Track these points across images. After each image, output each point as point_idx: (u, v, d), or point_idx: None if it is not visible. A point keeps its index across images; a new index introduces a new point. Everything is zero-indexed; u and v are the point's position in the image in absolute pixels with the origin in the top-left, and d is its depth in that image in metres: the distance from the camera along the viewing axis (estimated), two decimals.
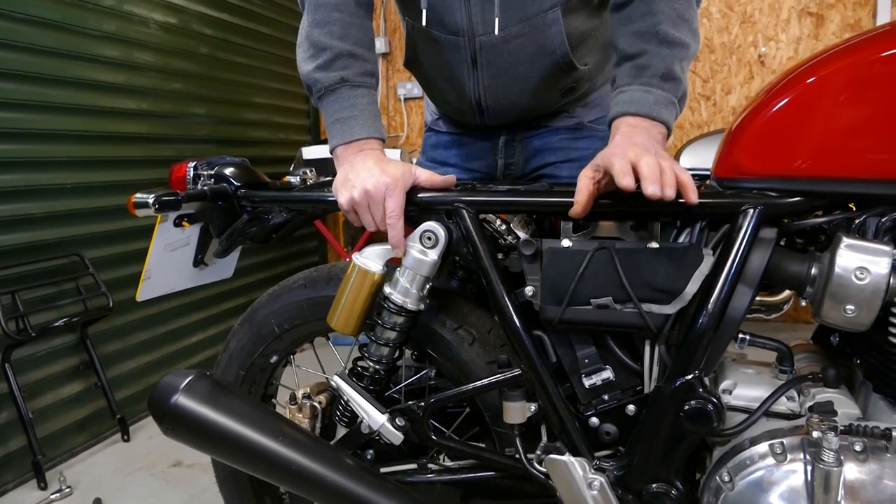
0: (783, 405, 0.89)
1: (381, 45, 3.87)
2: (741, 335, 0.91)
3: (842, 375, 0.90)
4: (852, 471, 0.79)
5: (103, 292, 2.28)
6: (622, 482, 0.95)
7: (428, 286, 1.03)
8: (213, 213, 1.19)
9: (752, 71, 3.38)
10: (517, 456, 1.00)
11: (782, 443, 0.84)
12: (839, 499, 0.78)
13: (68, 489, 2.02)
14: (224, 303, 3.07)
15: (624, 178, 0.82)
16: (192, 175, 1.18)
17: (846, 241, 0.79)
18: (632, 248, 0.90)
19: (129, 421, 2.44)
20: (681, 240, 0.93)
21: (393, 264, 1.04)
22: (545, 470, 0.98)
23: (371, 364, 1.07)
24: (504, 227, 1.05)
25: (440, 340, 1.08)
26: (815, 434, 0.79)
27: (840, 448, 0.78)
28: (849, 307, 0.78)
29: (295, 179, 1.20)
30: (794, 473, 0.82)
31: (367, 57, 1.07)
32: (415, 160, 1.42)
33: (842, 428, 0.80)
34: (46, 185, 2.18)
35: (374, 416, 1.04)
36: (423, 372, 1.20)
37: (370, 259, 1.03)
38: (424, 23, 1.11)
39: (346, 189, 1.00)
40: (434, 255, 1.00)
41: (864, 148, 0.81)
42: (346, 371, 1.10)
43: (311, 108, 3.84)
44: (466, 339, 1.07)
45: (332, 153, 1.06)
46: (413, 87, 3.88)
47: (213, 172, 1.17)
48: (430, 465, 1.11)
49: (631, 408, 0.95)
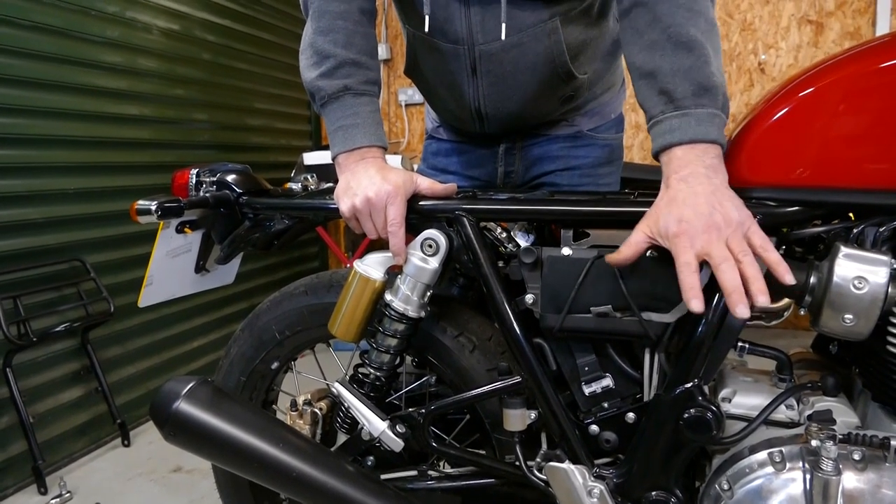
0: (782, 414, 0.89)
1: (382, 51, 3.89)
2: (740, 343, 0.91)
3: (841, 384, 0.90)
4: (851, 479, 0.79)
5: (104, 297, 2.28)
6: (622, 490, 0.95)
7: (429, 293, 1.03)
8: (215, 219, 1.20)
9: (752, 78, 3.39)
10: (517, 463, 1.01)
11: (781, 451, 0.84)
12: None
13: (68, 494, 2.02)
14: (225, 308, 3.07)
15: (693, 302, 0.78)
16: (194, 182, 1.19)
17: (844, 250, 0.79)
18: None
19: (129, 426, 2.44)
20: None
21: (394, 272, 1.05)
22: (545, 477, 0.98)
23: (372, 371, 1.07)
24: (505, 234, 1.06)
25: (441, 347, 1.09)
26: (814, 443, 0.79)
27: (839, 457, 0.78)
28: (847, 316, 0.79)
29: (296, 186, 1.21)
30: (793, 482, 0.82)
31: (370, 65, 1.08)
32: (416, 166, 1.43)
33: (840, 437, 0.80)
34: (48, 190, 2.18)
35: (374, 423, 1.04)
36: (424, 379, 1.20)
37: (371, 266, 1.03)
38: (427, 30, 1.11)
39: (347, 197, 1.00)
40: (435, 262, 1.01)
41: (863, 158, 0.82)
42: (347, 378, 1.10)
43: (312, 114, 3.85)
44: (467, 346, 1.08)
45: (334, 161, 1.07)
46: (414, 94, 3.89)
47: (215, 179, 1.18)
48: (430, 472, 1.11)
49: (631, 416, 0.96)
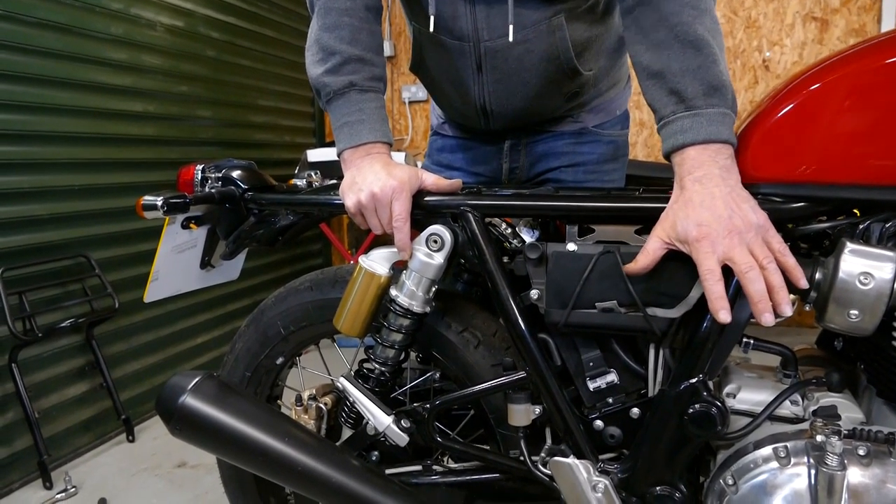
0: (787, 409, 0.89)
1: (386, 48, 3.89)
2: (745, 339, 0.91)
3: (845, 380, 0.90)
4: (856, 475, 0.79)
5: (109, 293, 2.29)
6: (626, 485, 0.95)
7: (434, 289, 1.04)
8: (220, 215, 1.20)
9: (757, 75, 3.38)
10: (521, 458, 1.01)
11: (786, 446, 0.84)
12: (842, 503, 0.78)
13: (73, 489, 2.03)
14: (229, 305, 3.08)
15: (721, 313, 0.79)
16: (199, 178, 1.19)
17: (850, 246, 0.79)
18: (637, 252, 0.90)
19: (134, 421, 2.45)
20: None
21: (399, 267, 1.05)
22: (549, 472, 0.99)
23: (377, 366, 1.07)
24: (510, 230, 1.06)
25: (445, 343, 1.09)
26: (819, 438, 0.80)
27: (844, 452, 0.78)
28: (853, 312, 0.79)
29: (301, 182, 1.21)
30: (798, 477, 0.82)
31: (375, 62, 1.08)
32: (419, 163, 1.43)
33: (845, 432, 0.80)
34: (54, 186, 2.19)
35: (379, 418, 1.05)
36: (429, 374, 1.20)
37: (376, 262, 1.04)
38: (432, 29, 1.11)
39: (353, 192, 1.00)
40: (440, 258, 1.01)
41: (868, 153, 0.81)
42: (352, 373, 1.10)
43: (316, 111, 3.85)
44: (472, 341, 1.08)
45: (339, 157, 1.07)
46: (418, 91, 3.89)
47: (220, 175, 1.18)
48: (434, 467, 1.11)
49: (635, 411, 0.96)
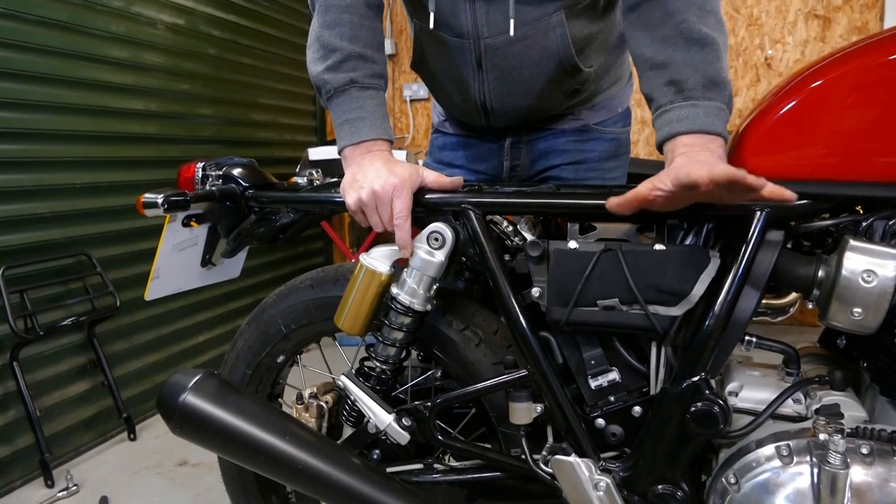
0: (789, 408, 0.89)
1: (387, 46, 3.89)
2: (748, 337, 0.91)
3: (848, 378, 0.90)
4: (859, 473, 0.79)
5: (110, 292, 2.29)
6: (628, 483, 0.95)
7: (435, 287, 1.03)
8: (221, 213, 1.20)
9: (759, 73, 3.37)
10: (523, 457, 1.01)
11: (789, 445, 0.84)
12: (845, 501, 0.78)
13: (75, 487, 2.03)
14: (231, 303, 3.08)
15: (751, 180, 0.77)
16: (200, 175, 1.19)
17: (853, 243, 0.79)
18: (638, 250, 0.90)
19: (135, 420, 2.45)
20: (688, 242, 0.93)
21: (400, 265, 1.05)
22: (551, 471, 0.98)
23: (378, 364, 1.07)
24: (511, 228, 1.06)
25: (447, 341, 1.09)
26: (822, 436, 0.79)
27: (847, 451, 0.78)
28: (856, 310, 0.79)
29: (302, 180, 1.21)
30: (801, 476, 0.82)
31: (376, 59, 1.08)
32: (420, 161, 1.43)
33: (848, 431, 0.80)
34: (55, 184, 2.19)
35: (380, 416, 1.04)
36: (430, 372, 1.20)
37: (377, 260, 1.03)
38: (432, 25, 1.11)
39: (353, 190, 1.00)
40: (441, 255, 1.01)
41: (871, 150, 0.81)
42: (353, 371, 1.10)
43: (317, 109, 3.85)
44: (473, 339, 1.08)
45: (340, 154, 1.07)
46: (419, 89, 3.89)
47: (221, 173, 1.18)
48: (436, 466, 1.11)
49: (637, 409, 0.96)
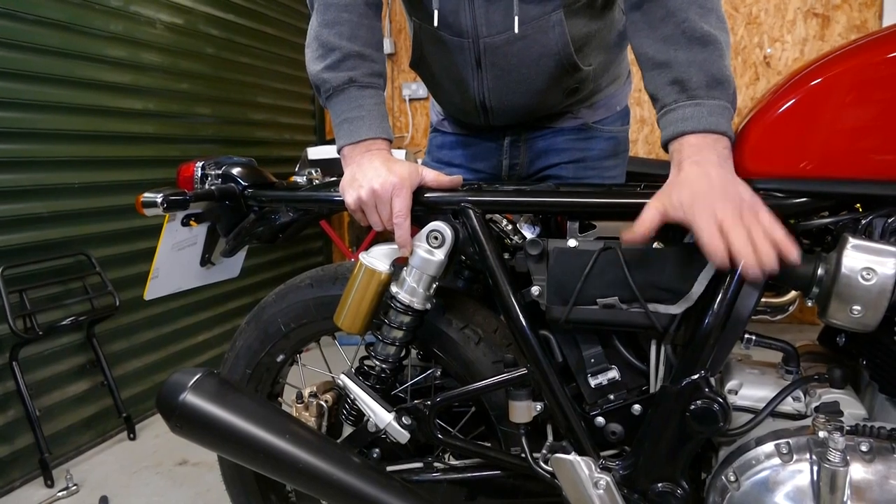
0: (789, 405, 0.89)
1: (386, 45, 3.88)
2: (747, 335, 0.91)
3: (848, 376, 0.90)
4: (858, 471, 0.79)
5: (110, 291, 2.29)
6: (628, 481, 0.95)
7: (434, 286, 1.03)
8: (220, 212, 1.20)
9: (758, 72, 3.38)
10: (523, 455, 1.01)
11: (788, 443, 0.84)
12: (845, 499, 0.78)
13: (75, 487, 2.03)
14: (230, 302, 3.08)
15: (717, 257, 0.80)
16: (199, 175, 1.19)
17: (853, 241, 0.79)
18: (638, 248, 0.90)
19: (135, 419, 2.45)
20: (687, 240, 0.93)
21: (399, 264, 1.05)
22: (551, 469, 0.98)
23: (377, 363, 1.07)
24: (510, 226, 1.06)
25: (446, 340, 1.09)
26: (822, 434, 0.79)
27: (846, 448, 0.78)
28: (855, 308, 0.79)
29: (301, 179, 1.21)
30: (800, 473, 0.82)
31: (375, 58, 1.08)
32: (419, 161, 1.43)
33: (848, 428, 0.80)
34: (53, 184, 2.19)
35: (380, 415, 1.04)
36: (430, 371, 1.20)
37: (377, 258, 1.03)
38: (436, 24, 1.11)
39: (353, 189, 1.00)
40: (441, 254, 1.01)
41: (870, 149, 0.81)
42: (353, 370, 1.10)
43: (316, 109, 3.85)
44: (472, 338, 1.08)
45: (339, 153, 1.07)
46: (418, 88, 3.89)
47: (220, 172, 1.18)
48: (435, 464, 1.11)
49: (637, 407, 0.96)
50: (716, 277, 0.87)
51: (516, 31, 1.07)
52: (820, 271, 0.83)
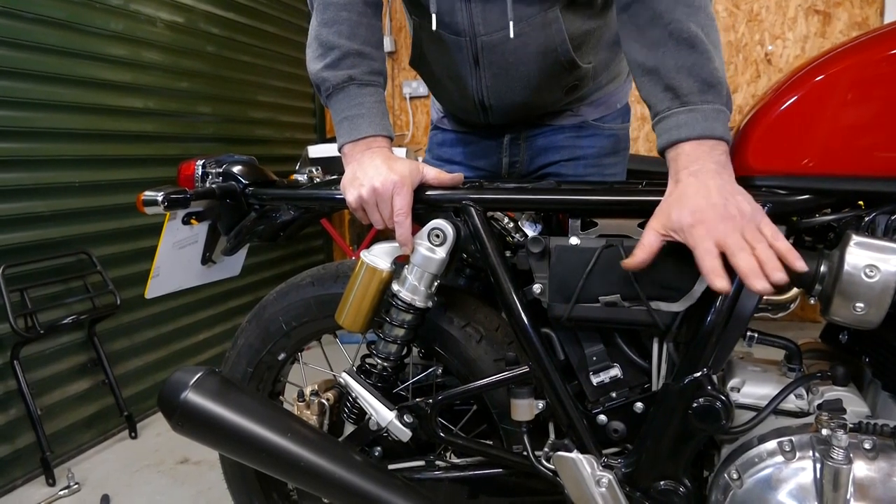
0: (792, 403, 0.89)
1: (386, 43, 3.88)
2: (749, 333, 0.91)
3: (850, 374, 0.89)
4: (862, 469, 0.79)
5: (111, 290, 2.29)
6: (630, 479, 0.95)
7: (436, 284, 1.03)
8: (221, 210, 1.20)
9: (759, 69, 3.37)
10: (525, 453, 1.01)
11: (791, 440, 0.84)
12: (848, 497, 0.78)
13: (76, 485, 2.03)
14: (230, 301, 3.08)
15: (717, 281, 0.78)
16: (200, 173, 1.19)
17: (856, 238, 0.79)
18: None
19: (136, 418, 2.45)
20: None
21: (401, 262, 1.04)
22: (553, 467, 0.98)
23: (379, 361, 1.07)
24: (512, 224, 1.05)
25: (448, 338, 1.09)
26: (825, 432, 0.79)
27: (849, 446, 0.78)
28: (858, 305, 0.78)
29: (302, 178, 1.21)
30: (803, 471, 0.82)
31: (375, 56, 1.07)
32: (420, 159, 1.43)
33: (851, 426, 0.80)
34: (54, 183, 2.19)
35: (382, 413, 1.04)
36: (431, 369, 1.20)
37: (378, 256, 1.03)
38: (434, 27, 1.11)
39: (354, 187, 1.00)
40: (442, 252, 1.00)
41: (872, 145, 0.81)
42: (354, 368, 1.10)
43: (317, 107, 3.84)
44: (474, 336, 1.08)
45: (340, 151, 1.06)
46: (418, 86, 3.89)
47: (221, 170, 1.18)
48: (437, 462, 1.11)
49: (639, 405, 0.96)
50: None
51: (511, 34, 1.07)
52: (823, 269, 0.83)
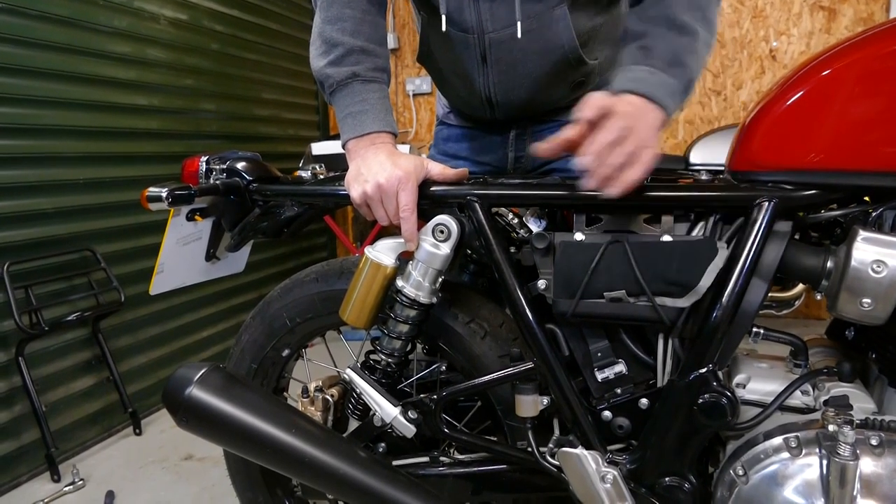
0: (798, 399, 0.88)
1: (390, 40, 3.87)
2: (755, 329, 0.90)
3: (857, 370, 0.89)
4: (868, 465, 0.79)
5: (115, 287, 2.29)
6: (635, 476, 0.95)
7: (440, 279, 1.03)
8: (225, 207, 1.20)
9: (764, 66, 3.36)
10: (529, 449, 1.00)
11: (797, 437, 0.83)
12: (855, 493, 0.78)
13: (81, 482, 2.04)
14: (234, 298, 3.08)
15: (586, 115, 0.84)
16: (204, 169, 1.19)
17: (862, 233, 0.79)
18: (645, 242, 0.90)
19: (140, 415, 2.46)
20: (695, 233, 0.93)
21: (405, 258, 1.04)
22: (557, 463, 0.98)
23: (383, 357, 1.07)
24: (516, 220, 1.05)
25: (452, 334, 1.09)
26: (831, 428, 0.79)
27: (856, 442, 0.78)
28: (865, 301, 0.78)
29: (306, 174, 1.21)
30: (810, 467, 0.82)
31: (378, 52, 1.07)
32: (424, 156, 1.43)
33: (857, 422, 0.80)
34: (58, 180, 2.19)
35: (386, 409, 1.04)
36: (435, 365, 1.20)
37: (383, 252, 1.03)
38: (444, 28, 1.11)
39: (358, 183, 1.00)
40: (446, 248, 1.00)
41: (879, 140, 0.80)
42: (359, 364, 1.10)
43: (320, 104, 3.84)
44: (478, 332, 1.07)
45: (344, 147, 1.06)
46: (422, 83, 3.88)
47: (225, 167, 1.17)
48: (441, 458, 1.11)
49: (644, 401, 0.95)
50: (724, 270, 0.86)
51: (518, 28, 1.07)
52: (829, 264, 0.82)
